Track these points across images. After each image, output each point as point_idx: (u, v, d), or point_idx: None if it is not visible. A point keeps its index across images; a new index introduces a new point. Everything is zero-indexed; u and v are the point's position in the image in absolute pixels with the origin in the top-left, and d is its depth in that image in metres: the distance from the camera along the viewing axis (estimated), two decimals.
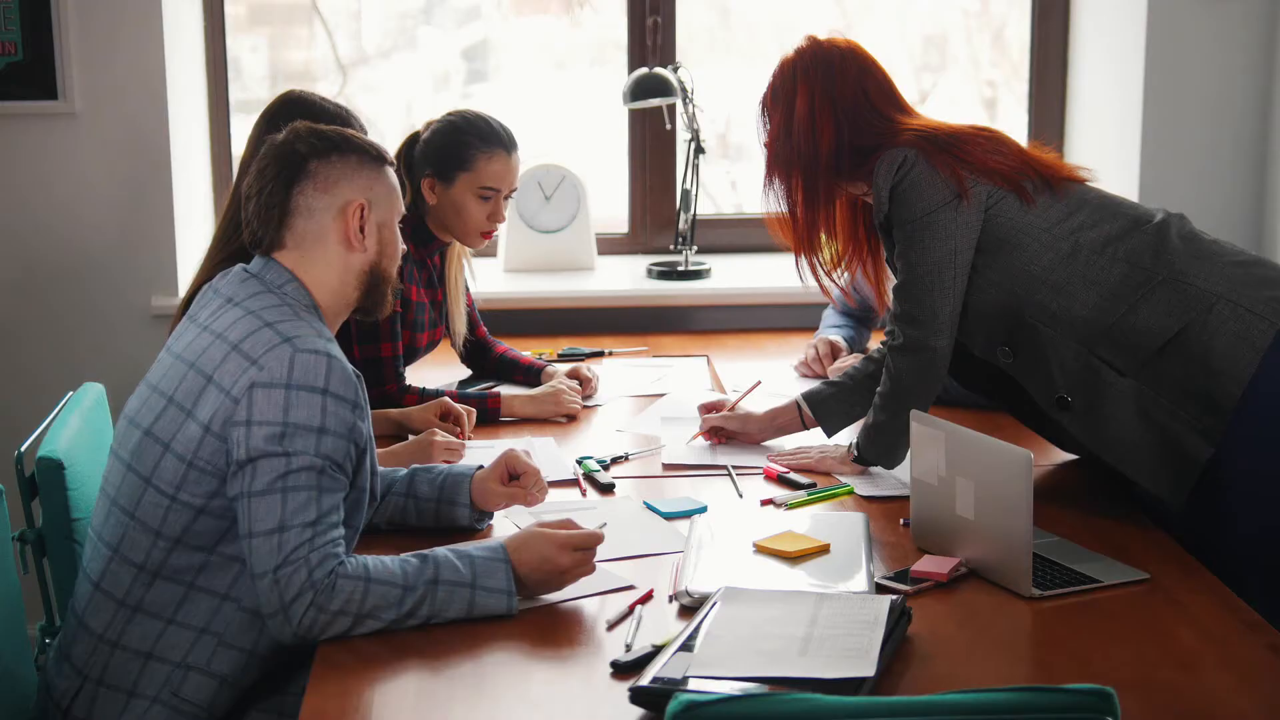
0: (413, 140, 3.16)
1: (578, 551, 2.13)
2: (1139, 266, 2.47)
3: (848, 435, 2.82)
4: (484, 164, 3.08)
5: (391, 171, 2.28)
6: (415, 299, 3.13)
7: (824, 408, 2.82)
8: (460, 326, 3.29)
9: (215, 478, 2.08)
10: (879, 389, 2.66)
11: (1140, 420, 2.43)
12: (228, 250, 2.62)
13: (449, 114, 3.15)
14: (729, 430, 2.90)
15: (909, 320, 2.59)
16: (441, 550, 2.12)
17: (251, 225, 2.22)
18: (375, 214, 2.22)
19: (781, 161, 2.68)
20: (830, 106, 2.62)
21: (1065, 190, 2.58)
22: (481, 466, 2.44)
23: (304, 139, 2.21)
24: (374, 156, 2.25)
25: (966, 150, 2.57)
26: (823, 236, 2.71)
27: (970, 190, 2.54)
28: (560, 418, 3.10)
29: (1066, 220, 2.54)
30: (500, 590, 2.08)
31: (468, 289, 3.34)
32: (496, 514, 2.48)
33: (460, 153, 3.08)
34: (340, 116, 2.76)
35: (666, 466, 2.80)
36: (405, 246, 2.32)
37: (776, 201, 2.70)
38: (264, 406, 2.05)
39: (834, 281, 2.76)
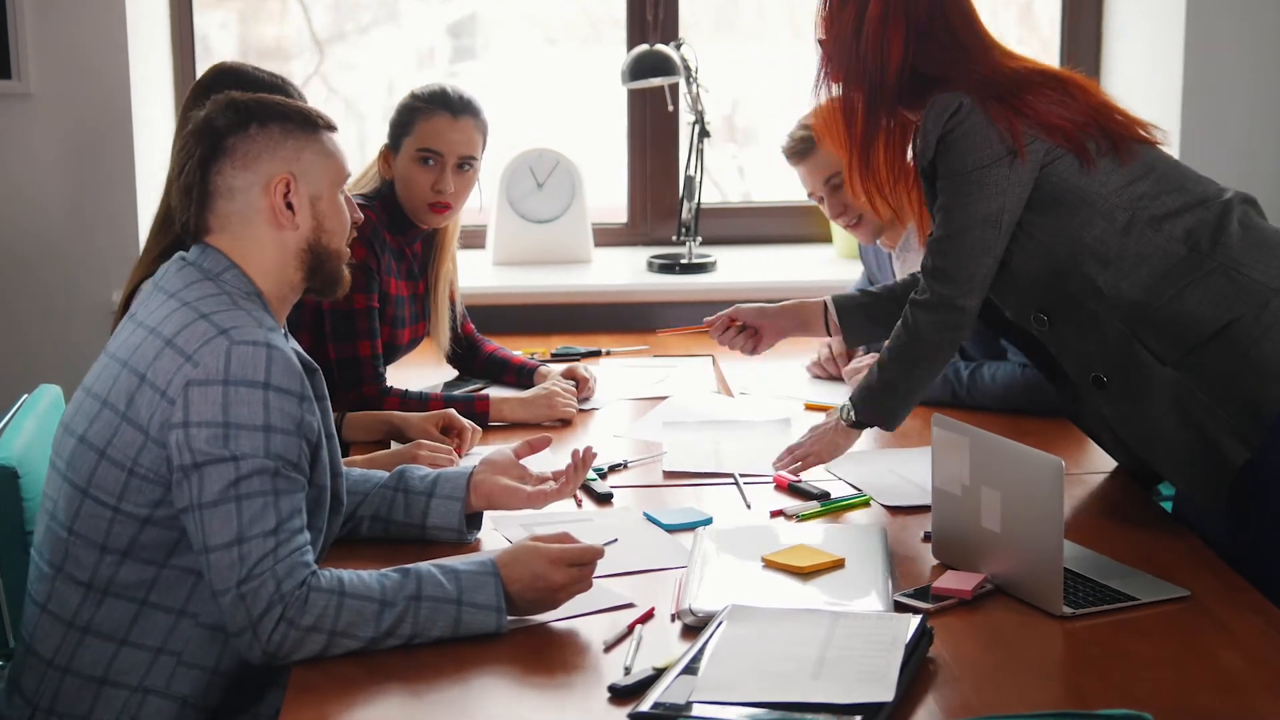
0: None
1: (574, 567, 2.13)
2: (1194, 249, 2.45)
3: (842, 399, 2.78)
4: (422, 124, 3.10)
5: (328, 136, 2.22)
6: (394, 293, 3.13)
7: (850, 315, 2.85)
8: (444, 322, 3.29)
9: (159, 485, 2.07)
10: (889, 344, 2.64)
11: (1176, 414, 2.42)
12: (165, 241, 2.63)
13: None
14: (745, 319, 2.97)
15: (941, 277, 2.56)
16: (425, 565, 2.11)
17: (177, 211, 2.20)
18: (305, 186, 2.18)
19: (842, 68, 2.61)
20: (903, 20, 2.55)
21: (1131, 154, 2.53)
22: (474, 465, 2.44)
23: (221, 112, 2.18)
24: (301, 122, 2.20)
25: (1028, 101, 2.51)
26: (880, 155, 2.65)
27: (1026, 147, 2.50)
28: (554, 422, 3.10)
29: (1127, 188, 2.50)
30: (489, 607, 2.08)
31: (453, 283, 3.34)
32: (486, 528, 2.47)
33: (404, 117, 3.13)
34: (276, 87, 2.74)
35: (668, 474, 2.79)
36: (360, 216, 2.27)
37: (831, 106, 2.64)
38: (201, 406, 2.03)
39: (886, 200, 2.70)
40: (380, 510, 2.41)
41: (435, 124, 3.10)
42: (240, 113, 2.18)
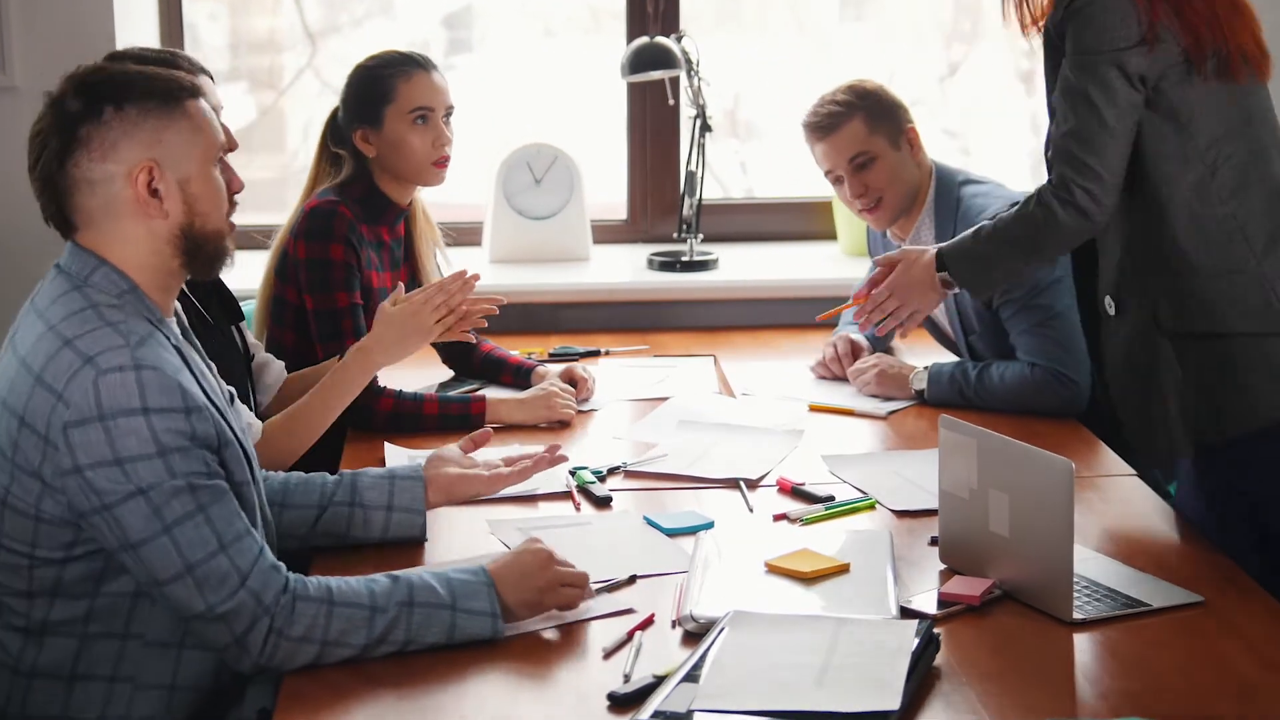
0: (334, 116, 3.23)
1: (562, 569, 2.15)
2: (1247, 243, 2.42)
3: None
4: (404, 86, 3.14)
5: (195, 105, 2.08)
6: (376, 285, 3.13)
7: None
8: None
9: (68, 527, 2.01)
10: (1007, 224, 2.56)
11: (1149, 381, 2.43)
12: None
13: (354, 67, 3.23)
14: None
15: (1086, 173, 2.45)
16: (414, 571, 2.11)
17: (42, 207, 2.11)
18: (170, 170, 2.05)
19: None
20: None
21: (1243, 94, 2.43)
22: (421, 464, 2.46)
23: (71, 96, 2.05)
24: (161, 98, 2.06)
25: None
26: None
27: (1159, 37, 2.39)
28: (552, 423, 3.10)
29: (1214, 146, 2.42)
30: (484, 613, 2.08)
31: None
32: (482, 532, 2.47)
33: (377, 89, 3.15)
34: (165, 63, 2.68)
35: (669, 477, 2.78)
36: (242, 183, 2.19)
37: None
38: (86, 448, 1.95)
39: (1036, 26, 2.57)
40: (337, 528, 2.39)
41: (416, 82, 3.15)
42: (92, 96, 2.04)
